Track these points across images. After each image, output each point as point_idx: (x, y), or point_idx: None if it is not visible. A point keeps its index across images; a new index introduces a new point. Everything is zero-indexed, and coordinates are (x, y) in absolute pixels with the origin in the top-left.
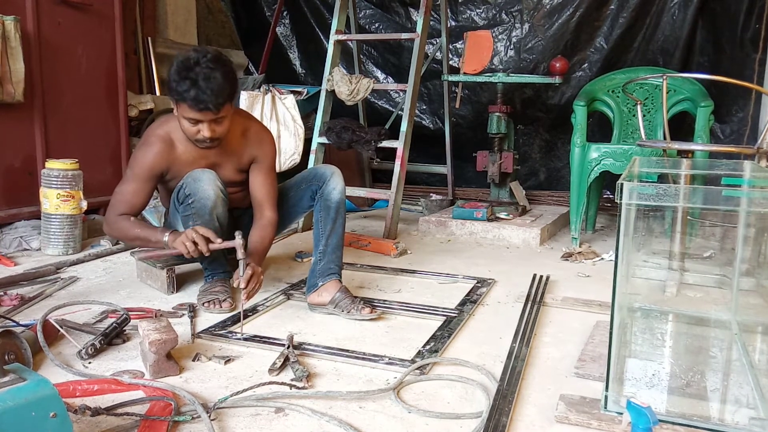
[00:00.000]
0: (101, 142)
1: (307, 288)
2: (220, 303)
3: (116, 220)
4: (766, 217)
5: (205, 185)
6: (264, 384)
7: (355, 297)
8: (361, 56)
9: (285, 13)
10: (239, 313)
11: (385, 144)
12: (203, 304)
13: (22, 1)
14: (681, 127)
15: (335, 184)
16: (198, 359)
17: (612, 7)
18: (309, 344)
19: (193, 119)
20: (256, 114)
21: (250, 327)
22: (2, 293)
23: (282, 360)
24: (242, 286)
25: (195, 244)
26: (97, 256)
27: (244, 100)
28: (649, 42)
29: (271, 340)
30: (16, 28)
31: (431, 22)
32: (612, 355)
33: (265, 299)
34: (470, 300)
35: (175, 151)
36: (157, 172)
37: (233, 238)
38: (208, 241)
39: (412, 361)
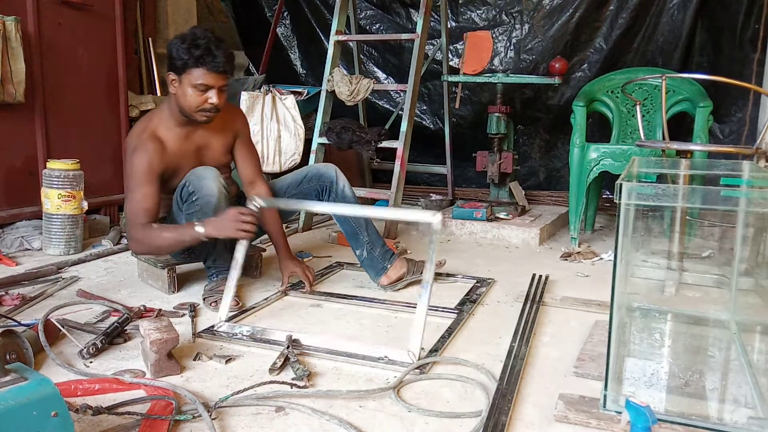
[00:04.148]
0: (102, 142)
1: (373, 275)
2: None
3: (142, 233)
4: (765, 217)
5: (209, 182)
6: (265, 383)
7: (419, 261)
8: (362, 56)
9: (285, 13)
10: (241, 312)
11: (385, 144)
12: (210, 303)
13: (23, 2)
14: (680, 127)
15: (343, 183)
16: (199, 359)
17: (611, 7)
18: (309, 344)
19: (205, 85)
20: (257, 114)
21: (250, 327)
22: (4, 293)
23: (282, 359)
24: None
25: (250, 226)
26: (99, 256)
27: (245, 100)
28: (649, 42)
29: (271, 340)
30: (17, 28)
31: (431, 23)
32: (611, 355)
33: (265, 299)
34: (470, 299)
35: (165, 145)
36: (157, 171)
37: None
38: (252, 217)
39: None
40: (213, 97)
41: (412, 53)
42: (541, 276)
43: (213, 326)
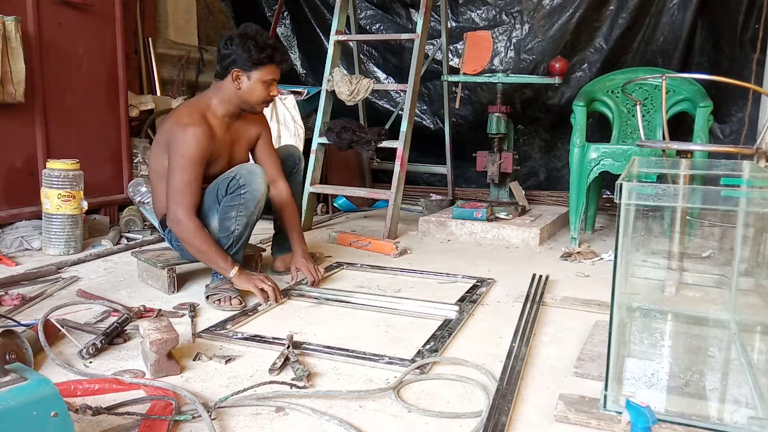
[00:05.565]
0: (102, 142)
1: (276, 251)
2: (230, 300)
3: (187, 220)
4: (765, 217)
5: (259, 179)
6: (264, 383)
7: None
8: (362, 56)
9: (285, 13)
10: (242, 311)
11: (385, 144)
12: (213, 301)
13: (23, 2)
14: (680, 127)
15: (301, 168)
16: (199, 359)
17: (611, 7)
18: (309, 344)
19: (271, 79)
20: None
21: (250, 327)
22: (3, 293)
23: (282, 359)
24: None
25: (271, 292)
26: (98, 256)
27: None
28: (649, 42)
29: (271, 340)
30: (17, 28)
31: (431, 23)
32: (611, 355)
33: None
34: (470, 299)
35: (213, 130)
36: (207, 154)
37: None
38: (277, 291)
39: (412, 361)
40: (274, 89)
41: (412, 53)
42: (541, 276)
43: (213, 326)
